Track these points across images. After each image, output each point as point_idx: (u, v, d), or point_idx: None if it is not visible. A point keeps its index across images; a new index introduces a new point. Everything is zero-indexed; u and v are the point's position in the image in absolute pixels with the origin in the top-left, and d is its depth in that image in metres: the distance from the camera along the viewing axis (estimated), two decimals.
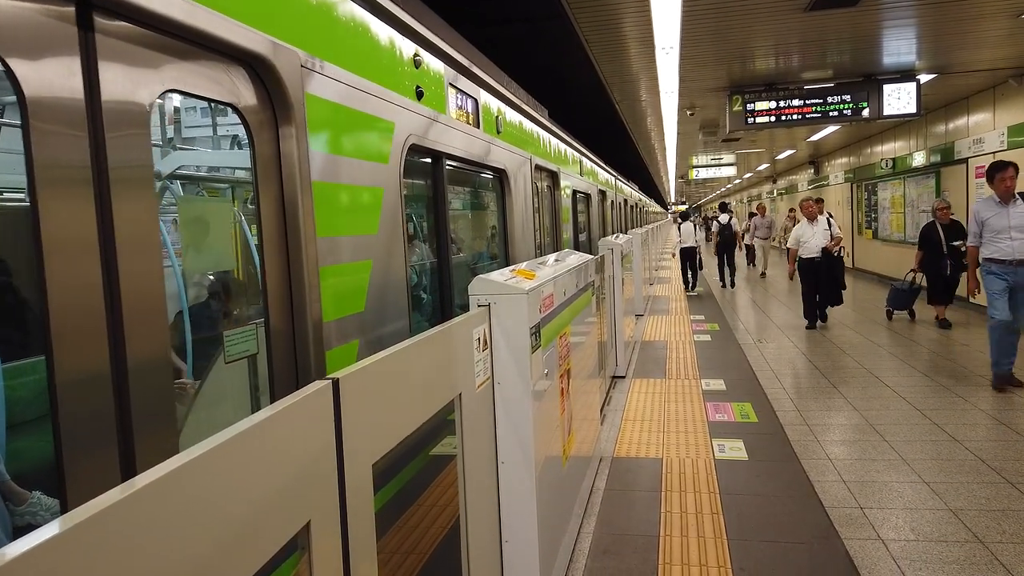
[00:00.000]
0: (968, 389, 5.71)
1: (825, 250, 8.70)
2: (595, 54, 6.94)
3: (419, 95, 2.86)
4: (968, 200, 9.95)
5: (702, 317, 10.09)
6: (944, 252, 8.44)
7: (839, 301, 8.99)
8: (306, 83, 1.97)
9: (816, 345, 7.87)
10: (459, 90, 3.50)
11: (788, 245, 9.20)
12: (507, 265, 3.02)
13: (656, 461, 4.31)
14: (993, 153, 9.22)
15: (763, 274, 16.05)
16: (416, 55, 2.87)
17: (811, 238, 8.82)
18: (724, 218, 14.99)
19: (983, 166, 9.49)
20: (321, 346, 1.98)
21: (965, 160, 10.06)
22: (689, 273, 13.67)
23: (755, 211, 19.01)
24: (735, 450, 4.43)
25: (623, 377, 6.54)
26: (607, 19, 5.78)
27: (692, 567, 3.02)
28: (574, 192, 7.79)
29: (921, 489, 3.78)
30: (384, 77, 2.53)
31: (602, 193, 10.86)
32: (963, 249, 8.10)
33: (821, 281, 8.78)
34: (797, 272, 9.06)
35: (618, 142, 17.65)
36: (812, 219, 8.92)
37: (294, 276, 1.92)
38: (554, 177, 6.46)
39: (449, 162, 3.38)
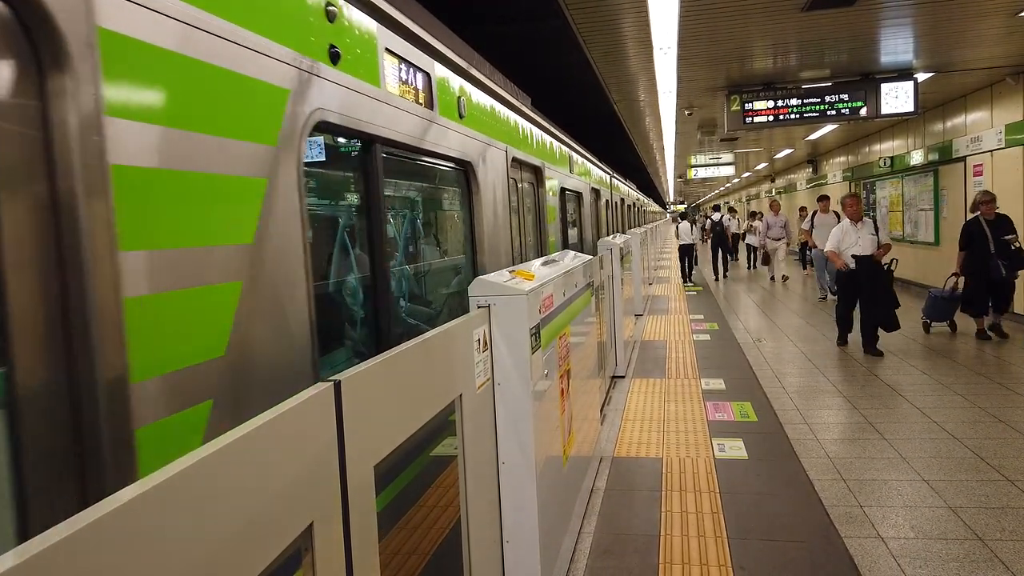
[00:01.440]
0: (967, 388, 5.73)
1: (870, 260, 7.14)
2: (593, 54, 6.95)
3: (334, 58, 2.18)
4: (966, 198, 9.94)
5: (701, 316, 10.10)
6: (992, 251, 7.32)
7: (891, 322, 7.08)
8: (100, 13, 1.28)
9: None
10: (401, 59, 2.76)
11: (827, 249, 7.63)
12: (474, 277, 2.46)
13: (656, 461, 4.31)
14: (991, 151, 9.23)
15: (784, 278, 14.23)
16: (329, 5, 2.18)
17: (854, 244, 7.25)
18: (716, 216, 17.05)
19: (980, 164, 9.53)
20: (124, 417, 1.28)
21: (963, 158, 10.07)
22: (686, 265, 15.65)
23: (757, 210, 19.02)
24: (735, 449, 4.44)
25: (623, 377, 6.55)
26: (605, 19, 5.78)
27: (692, 566, 3.03)
28: (562, 190, 7.00)
29: (920, 487, 3.79)
30: (267, 25, 1.82)
31: (595, 192, 9.99)
32: (1016, 246, 7.32)
33: (862, 297, 7.26)
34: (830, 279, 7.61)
35: (617, 142, 17.67)
36: (856, 219, 7.32)
37: (73, 312, 1.22)
38: (537, 173, 5.74)
39: (386, 149, 2.66)
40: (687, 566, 3.03)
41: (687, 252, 15.58)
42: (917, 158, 11.81)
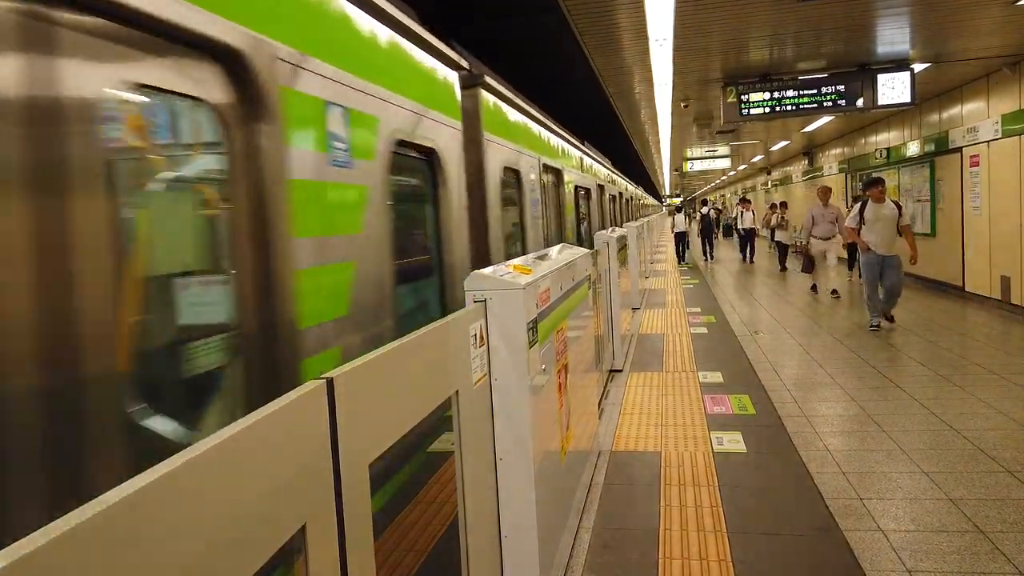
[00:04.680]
0: (966, 379, 5.72)
1: None
2: (588, 47, 6.90)
3: None
4: (963, 189, 9.94)
5: (698, 310, 10.08)
6: None
7: None
8: None
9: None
10: None
11: None
12: None
13: (655, 455, 4.29)
14: (987, 142, 9.22)
15: (833, 292, 10.70)
16: None
17: None
18: (704, 209, 20.79)
19: (977, 155, 9.52)
20: None
21: (959, 149, 10.05)
22: (680, 248, 19.72)
23: (778, 200, 17.74)
24: (733, 443, 4.42)
25: (620, 371, 6.53)
26: (600, 11, 5.74)
27: (692, 561, 3.01)
28: (394, 147, 2.68)
29: (920, 479, 3.77)
30: None
31: (515, 172, 5.02)
32: None
33: None
34: None
35: (612, 135, 17.74)
36: None
37: None
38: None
39: None
40: (687, 560, 3.01)
41: (681, 238, 19.95)
42: (913, 149, 11.79)
